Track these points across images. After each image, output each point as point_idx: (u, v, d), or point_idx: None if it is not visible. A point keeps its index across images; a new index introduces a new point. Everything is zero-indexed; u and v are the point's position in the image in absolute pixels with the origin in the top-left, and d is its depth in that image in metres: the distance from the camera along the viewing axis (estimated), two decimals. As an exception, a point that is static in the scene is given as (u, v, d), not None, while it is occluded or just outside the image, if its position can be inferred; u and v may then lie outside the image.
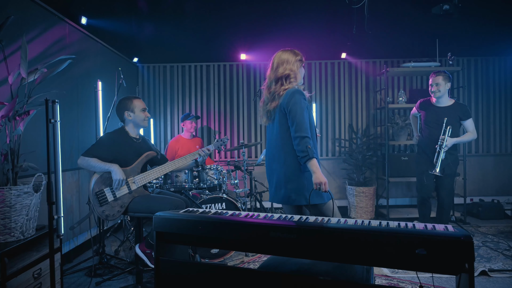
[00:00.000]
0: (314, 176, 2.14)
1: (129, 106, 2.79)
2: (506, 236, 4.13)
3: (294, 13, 3.91)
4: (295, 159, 2.23)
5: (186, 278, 1.75)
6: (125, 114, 2.80)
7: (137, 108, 2.80)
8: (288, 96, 2.25)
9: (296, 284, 1.55)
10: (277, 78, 2.35)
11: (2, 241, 2.15)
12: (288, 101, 2.23)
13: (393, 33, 4.52)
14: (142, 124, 2.84)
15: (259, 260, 3.51)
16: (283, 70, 2.33)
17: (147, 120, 2.86)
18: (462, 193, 4.92)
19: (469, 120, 3.65)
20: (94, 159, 2.63)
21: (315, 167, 2.14)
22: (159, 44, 4.80)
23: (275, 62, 2.40)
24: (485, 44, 5.07)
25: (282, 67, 2.35)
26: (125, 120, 2.82)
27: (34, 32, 3.03)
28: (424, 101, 3.83)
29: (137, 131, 2.88)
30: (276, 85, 2.35)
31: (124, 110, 2.80)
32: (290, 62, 2.35)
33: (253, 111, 5.65)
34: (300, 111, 2.19)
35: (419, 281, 2.25)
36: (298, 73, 2.38)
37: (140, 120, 2.82)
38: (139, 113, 2.81)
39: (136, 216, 2.74)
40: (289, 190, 2.25)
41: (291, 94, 2.25)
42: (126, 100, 2.82)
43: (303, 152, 2.14)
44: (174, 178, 3.55)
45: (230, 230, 1.64)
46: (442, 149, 3.51)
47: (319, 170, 2.15)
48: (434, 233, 1.37)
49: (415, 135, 4.09)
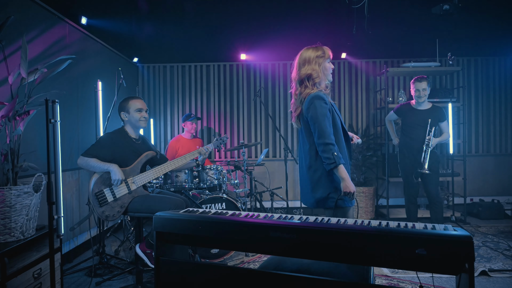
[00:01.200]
0: (343, 184, 2.09)
1: (125, 107, 2.79)
2: (506, 236, 4.13)
3: (294, 13, 3.91)
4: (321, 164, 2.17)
5: (186, 278, 1.75)
6: (121, 115, 2.80)
7: (131, 109, 2.77)
8: (308, 102, 2.18)
9: (296, 284, 1.55)
10: (300, 80, 2.25)
11: (2, 241, 2.15)
12: (308, 108, 2.17)
13: (393, 33, 4.52)
14: (137, 124, 2.80)
15: (259, 260, 3.51)
16: (305, 70, 2.22)
17: (144, 120, 2.81)
18: (462, 193, 4.92)
19: (445, 122, 3.92)
20: (93, 159, 2.62)
21: (343, 173, 2.08)
22: (159, 44, 4.80)
23: (298, 62, 2.28)
24: (485, 44, 5.07)
25: (304, 67, 2.23)
26: (123, 120, 2.83)
27: (34, 32, 3.03)
28: (403, 105, 4.08)
29: (136, 132, 2.87)
30: (301, 88, 2.25)
31: (121, 111, 2.80)
32: (311, 60, 2.22)
33: (253, 111, 5.65)
34: (321, 117, 2.12)
35: (419, 281, 2.25)
36: (320, 71, 2.22)
37: (135, 120, 2.78)
38: (134, 114, 2.78)
39: (136, 216, 2.74)
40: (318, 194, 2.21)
41: (310, 100, 2.17)
42: (123, 101, 2.82)
43: (329, 159, 2.08)
44: (174, 178, 3.55)
45: (230, 230, 1.64)
46: (429, 148, 3.75)
47: (348, 178, 2.10)
48: (434, 233, 1.37)
49: (394, 140, 4.32)
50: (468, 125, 5.57)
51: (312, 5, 3.71)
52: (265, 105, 5.59)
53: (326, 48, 2.27)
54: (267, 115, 5.61)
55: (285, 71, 5.66)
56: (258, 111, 5.66)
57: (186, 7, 3.67)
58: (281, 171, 5.40)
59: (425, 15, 3.78)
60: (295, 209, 5.26)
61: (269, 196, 4.81)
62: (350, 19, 3.64)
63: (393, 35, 4.58)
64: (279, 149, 5.62)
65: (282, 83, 5.65)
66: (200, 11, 3.81)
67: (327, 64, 2.26)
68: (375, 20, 3.57)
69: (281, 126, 5.64)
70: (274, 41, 4.76)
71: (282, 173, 5.31)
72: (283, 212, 5.11)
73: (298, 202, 5.28)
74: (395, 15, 3.96)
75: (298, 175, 2.44)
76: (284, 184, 5.05)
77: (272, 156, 5.65)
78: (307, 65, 2.22)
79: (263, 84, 5.63)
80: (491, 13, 3.98)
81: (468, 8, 3.52)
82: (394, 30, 4.42)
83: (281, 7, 3.74)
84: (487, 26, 4.37)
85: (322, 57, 2.23)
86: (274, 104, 5.66)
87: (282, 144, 5.57)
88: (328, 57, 2.26)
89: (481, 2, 3.64)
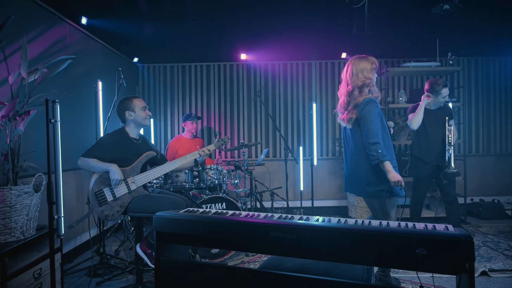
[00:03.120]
0: (389, 175, 2.43)
1: (130, 106, 2.79)
2: (506, 236, 4.13)
3: (294, 13, 3.91)
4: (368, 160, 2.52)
5: (186, 278, 1.75)
6: (126, 114, 2.80)
7: (137, 107, 2.80)
8: (363, 105, 2.52)
9: (296, 284, 1.55)
10: (357, 87, 2.58)
11: (2, 241, 2.15)
12: (362, 109, 2.51)
13: (393, 33, 4.52)
14: (143, 123, 2.84)
15: (259, 260, 3.52)
16: (363, 78, 2.57)
17: (148, 118, 2.86)
18: (463, 193, 4.92)
19: (453, 120, 3.80)
20: (93, 159, 2.63)
21: (388, 166, 2.43)
22: (159, 44, 4.80)
23: (353, 69, 2.62)
24: (485, 44, 5.06)
25: (360, 75, 2.58)
26: (126, 120, 2.82)
27: (35, 32, 3.03)
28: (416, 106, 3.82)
29: (137, 131, 2.88)
30: (356, 93, 2.59)
31: (125, 110, 2.80)
32: (367, 70, 2.59)
33: (253, 111, 5.65)
34: (372, 118, 2.46)
35: (419, 281, 2.25)
36: (373, 80, 2.61)
37: (141, 119, 2.82)
38: (140, 112, 2.81)
39: (136, 216, 2.74)
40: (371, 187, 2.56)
41: (365, 103, 2.51)
42: (126, 100, 2.82)
43: (373, 156, 2.44)
44: (174, 178, 3.55)
45: (230, 230, 1.64)
46: (451, 146, 3.58)
47: (393, 170, 2.44)
48: (434, 233, 1.37)
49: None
50: (468, 125, 5.57)
51: (312, 5, 3.71)
52: (265, 105, 5.59)
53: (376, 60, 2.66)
54: (267, 115, 5.61)
55: (285, 71, 5.66)
56: (258, 111, 5.66)
57: (186, 7, 3.67)
58: (281, 171, 5.40)
59: (425, 15, 3.78)
60: (295, 209, 5.26)
61: (269, 196, 4.81)
62: (350, 19, 3.64)
63: (393, 35, 4.57)
64: (279, 149, 5.62)
65: (282, 83, 5.65)
66: (200, 11, 3.80)
67: (375, 74, 2.67)
68: (375, 20, 3.57)
69: (281, 126, 5.64)
70: (274, 41, 4.76)
71: (282, 173, 5.31)
72: (283, 212, 5.11)
73: (298, 202, 5.28)
74: (395, 15, 3.95)
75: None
76: (284, 184, 5.05)
77: (272, 156, 5.65)
78: (364, 73, 2.58)
79: (263, 84, 5.63)
80: (491, 13, 3.97)
81: (468, 8, 3.52)
82: (394, 30, 4.41)
83: (281, 7, 3.74)
84: (487, 26, 4.36)
85: (375, 69, 2.63)
86: (274, 104, 5.66)
87: (282, 144, 5.56)
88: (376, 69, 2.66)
89: (481, 2, 3.64)
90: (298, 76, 5.67)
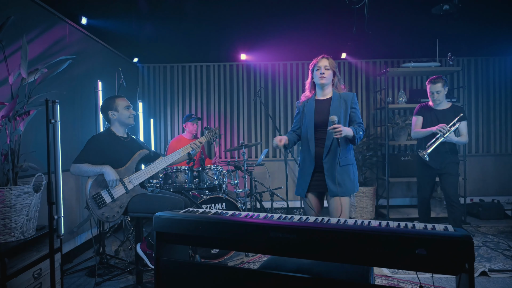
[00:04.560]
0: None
1: (112, 105, 2.77)
2: (506, 236, 4.13)
3: (294, 13, 3.91)
4: None
5: (186, 278, 1.75)
6: (110, 114, 2.77)
7: (120, 106, 2.77)
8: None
9: (296, 284, 1.55)
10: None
11: (2, 241, 2.15)
12: None
13: (393, 33, 4.52)
14: (127, 121, 2.80)
15: (259, 260, 3.51)
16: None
17: (133, 117, 2.82)
18: (462, 193, 4.92)
19: (464, 122, 3.62)
20: (85, 164, 2.60)
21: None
22: (159, 44, 4.80)
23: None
24: (485, 44, 5.06)
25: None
26: (111, 119, 2.79)
27: (34, 32, 3.03)
28: (423, 106, 3.81)
29: (124, 130, 2.84)
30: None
31: (108, 110, 2.77)
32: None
33: (253, 111, 5.66)
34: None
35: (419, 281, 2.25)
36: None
37: (125, 118, 2.78)
38: (123, 111, 2.77)
39: (136, 216, 2.74)
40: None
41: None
42: (109, 100, 2.80)
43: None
44: (174, 178, 3.55)
45: (230, 230, 1.64)
46: (442, 136, 3.44)
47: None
48: (434, 233, 1.37)
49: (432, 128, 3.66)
50: (468, 125, 5.57)
51: (312, 5, 3.71)
52: (265, 105, 5.59)
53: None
54: (267, 115, 5.61)
55: (285, 71, 5.66)
56: (258, 111, 5.66)
57: (186, 7, 3.66)
58: (281, 171, 5.40)
59: (425, 15, 3.78)
60: (295, 209, 5.26)
61: (269, 196, 4.81)
62: (350, 19, 3.64)
63: (393, 35, 4.57)
64: (279, 149, 5.61)
65: (282, 83, 5.65)
66: (200, 11, 3.80)
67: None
68: (375, 20, 3.57)
69: (281, 126, 5.64)
70: (274, 41, 4.76)
71: (282, 173, 5.31)
72: (283, 212, 5.11)
73: (298, 202, 5.28)
74: (395, 15, 3.95)
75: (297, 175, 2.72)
76: (284, 184, 5.05)
77: (272, 156, 5.65)
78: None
79: (263, 84, 5.63)
80: (491, 13, 3.97)
81: (468, 8, 3.52)
82: (394, 30, 4.41)
83: (281, 7, 3.74)
84: (487, 26, 4.36)
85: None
86: (274, 104, 5.66)
87: (282, 144, 5.56)
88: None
89: (481, 2, 3.64)
90: (298, 76, 5.67)
